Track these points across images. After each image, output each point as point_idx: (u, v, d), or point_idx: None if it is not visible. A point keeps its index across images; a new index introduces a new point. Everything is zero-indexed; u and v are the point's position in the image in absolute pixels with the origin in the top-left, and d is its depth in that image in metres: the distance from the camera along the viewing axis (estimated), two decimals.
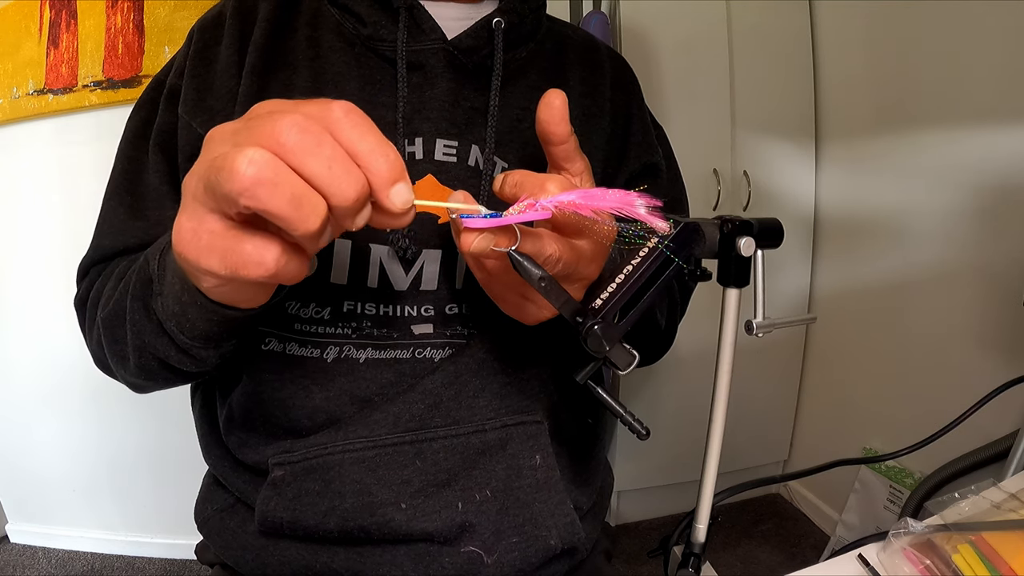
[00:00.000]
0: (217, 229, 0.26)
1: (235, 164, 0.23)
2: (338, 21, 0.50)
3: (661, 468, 1.59)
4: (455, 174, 0.48)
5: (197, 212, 0.27)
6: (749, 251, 0.41)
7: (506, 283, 0.37)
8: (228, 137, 0.26)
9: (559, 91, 0.35)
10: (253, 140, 0.24)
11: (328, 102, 0.26)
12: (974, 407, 0.72)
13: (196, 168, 0.27)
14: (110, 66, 1.26)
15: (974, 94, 1.18)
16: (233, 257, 0.26)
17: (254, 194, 0.23)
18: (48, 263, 1.37)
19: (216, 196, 0.25)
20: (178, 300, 0.35)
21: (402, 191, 0.27)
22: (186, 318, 0.36)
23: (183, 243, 0.27)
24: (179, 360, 0.40)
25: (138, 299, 0.39)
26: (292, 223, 0.24)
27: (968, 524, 0.47)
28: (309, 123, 0.24)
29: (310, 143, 0.24)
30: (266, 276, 0.27)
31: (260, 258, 0.26)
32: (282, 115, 0.24)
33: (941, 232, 1.26)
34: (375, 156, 0.26)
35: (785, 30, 1.53)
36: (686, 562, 0.48)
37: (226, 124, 0.27)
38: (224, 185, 0.24)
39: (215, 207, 0.26)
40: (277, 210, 0.24)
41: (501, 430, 0.48)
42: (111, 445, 1.47)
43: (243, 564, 0.51)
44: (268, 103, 0.27)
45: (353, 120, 0.26)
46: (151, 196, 0.49)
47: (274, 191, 0.23)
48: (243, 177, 0.23)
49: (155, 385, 0.47)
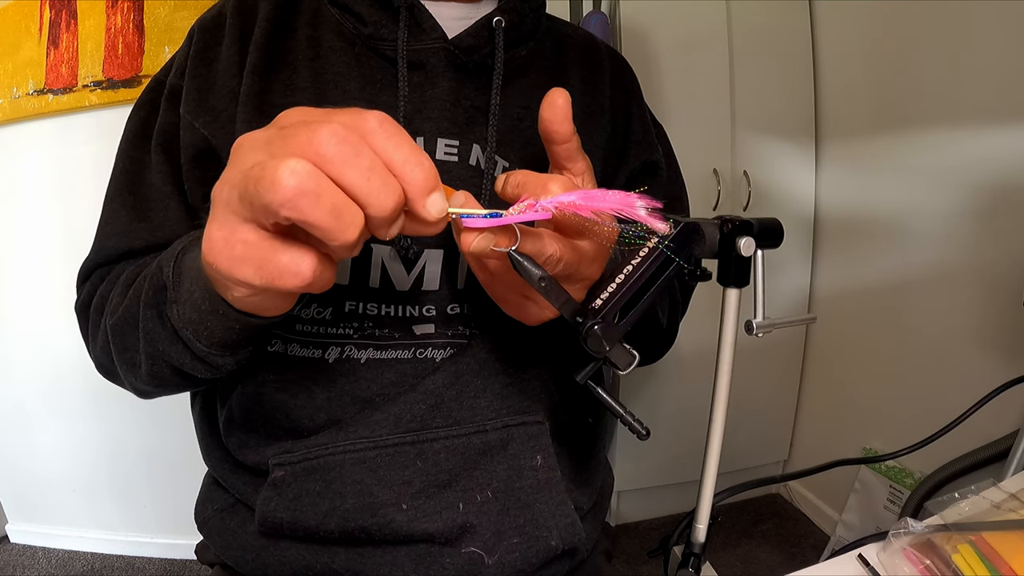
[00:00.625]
0: (251, 239, 0.26)
1: (277, 175, 0.23)
2: (338, 21, 0.50)
3: (661, 468, 1.59)
4: (456, 174, 0.48)
5: (230, 222, 0.26)
6: (749, 251, 0.41)
7: (507, 284, 0.37)
8: (262, 146, 0.26)
9: (562, 90, 0.35)
10: (290, 150, 0.24)
11: (361, 112, 0.26)
12: (974, 407, 0.72)
13: (228, 176, 0.27)
14: (110, 66, 1.26)
15: (974, 94, 1.18)
16: (269, 268, 0.26)
17: (296, 205, 0.23)
18: (48, 263, 1.37)
19: (253, 206, 0.25)
20: (196, 308, 0.35)
21: (437, 200, 0.27)
22: (204, 326, 0.35)
23: (215, 253, 0.27)
24: (194, 367, 0.40)
25: (151, 306, 0.39)
26: (332, 234, 0.24)
27: (968, 524, 0.47)
28: (347, 133, 0.24)
29: (349, 153, 0.24)
30: (302, 286, 0.27)
31: (297, 268, 0.26)
32: (319, 125, 0.24)
33: (941, 232, 1.26)
34: (411, 166, 0.26)
35: (785, 30, 1.53)
36: (686, 562, 0.48)
37: (256, 132, 0.27)
38: (264, 196, 0.23)
39: (250, 217, 0.26)
40: (318, 221, 0.24)
41: (502, 430, 0.48)
42: (111, 445, 1.47)
43: (243, 564, 0.51)
44: (297, 111, 0.27)
45: (388, 130, 0.26)
46: (154, 197, 0.48)
47: (316, 202, 0.23)
48: (285, 188, 0.23)
49: (165, 391, 0.46)
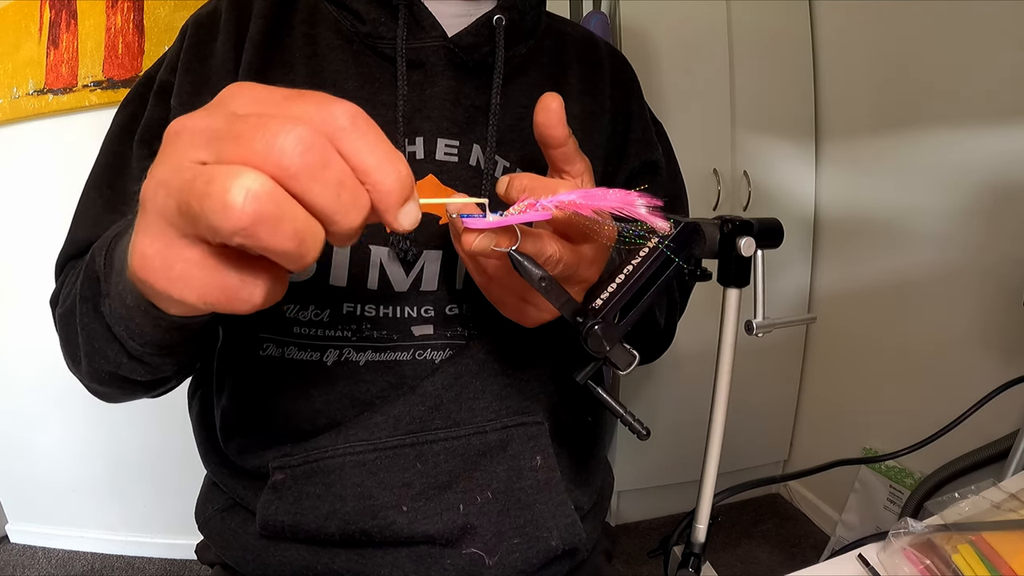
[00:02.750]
0: (194, 258, 0.22)
1: (228, 196, 0.19)
2: (336, 18, 0.49)
3: (661, 468, 1.59)
4: (456, 174, 0.47)
5: (165, 235, 0.22)
6: (749, 251, 0.41)
7: (506, 286, 0.37)
8: (206, 142, 0.21)
9: (555, 94, 0.35)
10: (243, 155, 0.20)
11: (328, 103, 0.22)
12: (974, 407, 0.72)
13: (162, 176, 0.22)
14: (110, 66, 1.26)
15: (974, 94, 1.18)
16: (215, 293, 0.22)
17: (252, 233, 0.19)
18: (48, 263, 1.36)
19: (196, 224, 0.20)
20: (123, 303, 0.31)
21: (411, 212, 0.24)
22: (134, 323, 0.32)
23: (148, 271, 0.22)
24: (131, 369, 0.36)
25: (87, 300, 0.36)
26: (293, 259, 0.21)
27: (968, 524, 0.47)
28: (314, 138, 0.20)
29: (315, 165, 0.20)
30: (252, 310, 0.23)
31: (249, 295, 0.23)
32: (281, 125, 0.20)
33: (941, 232, 1.26)
34: (384, 173, 0.22)
35: (785, 30, 1.53)
36: (686, 562, 0.48)
37: (198, 117, 0.22)
38: (212, 218, 0.19)
39: (192, 233, 0.21)
40: (279, 247, 0.20)
41: (501, 431, 0.48)
42: (111, 445, 1.47)
43: (244, 564, 0.50)
44: (246, 91, 0.23)
45: (360, 128, 0.22)
46: (132, 191, 0.47)
47: (276, 229, 0.20)
48: (240, 214, 0.19)
49: (113, 395, 0.44)
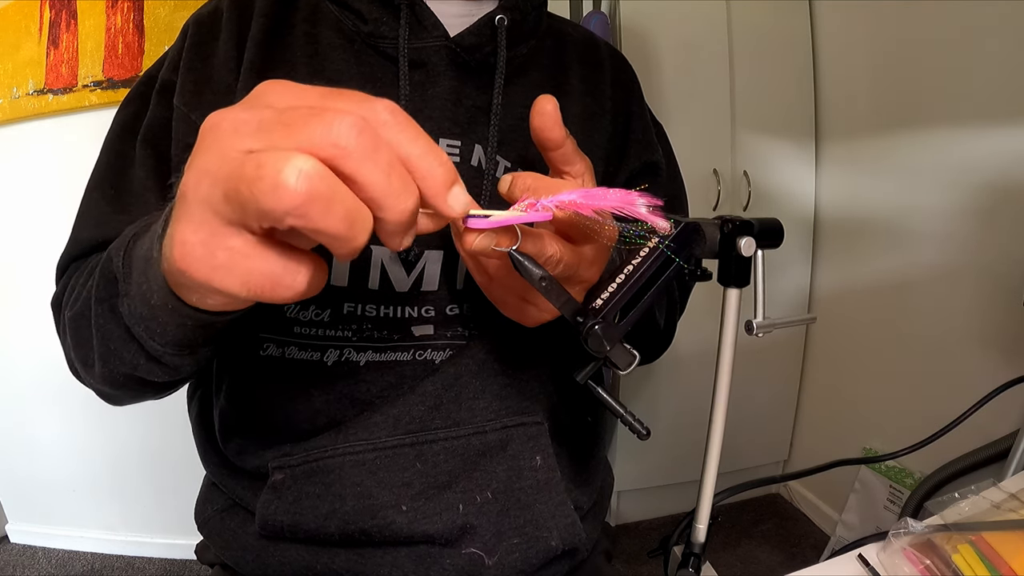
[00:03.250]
0: (238, 246, 0.22)
1: (281, 177, 0.19)
2: (337, 18, 0.49)
3: (661, 468, 1.59)
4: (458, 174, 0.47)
5: (209, 223, 0.22)
6: (749, 251, 0.42)
7: (506, 286, 0.37)
8: (252, 131, 0.21)
9: (550, 96, 0.35)
10: (296, 142, 0.20)
11: (369, 99, 0.23)
12: (974, 407, 0.72)
13: (205, 166, 0.22)
14: (110, 66, 1.26)
15: (974, 94, 1.18)
16: (259, 280, 0.23)
17: (305, 212, 0.20)
18: (49, 263, 1.36)
19: (245, 210, 0.21)
20: (146, 302, 0.31)
21: (459, 195, 0.24)
22: (156, 322, 0.31)
23: (190, 260, 0.23)
24: (148, 370, 0.36)
25: (102, 301, 0.35)
26: (343, 241, 0.21)
27: (968, 524, 0.47)
28: (365, 125, 0.21)
29: (368, 147, 0.21)
30: (295, 298, 0.24)
31: (292, 281, 0.23)
32: (333, 113, 0.20)
33: (941, 232, 1.26)
34: (429, 160, 0.23)
35: (785, 30, 1.53)
36: (686, 562, 0.48)
37: (238, 111, 0.22)
38: (263, 200, 0.19)
39: (237, 220, 0.22)
40: (329, 229, 0.20)
41: (501, 431, 0.48)
42: (111, 445, 1.46)
43: (243, 564, 0.50)
44: (283, 88, 0.23)
45: (401, 122, 0.23)
46: (135, 191, 0.47)
47: (328, 209, 0.20)
48: (293, 193, 0.19)
49: (124, 397, 0.44)
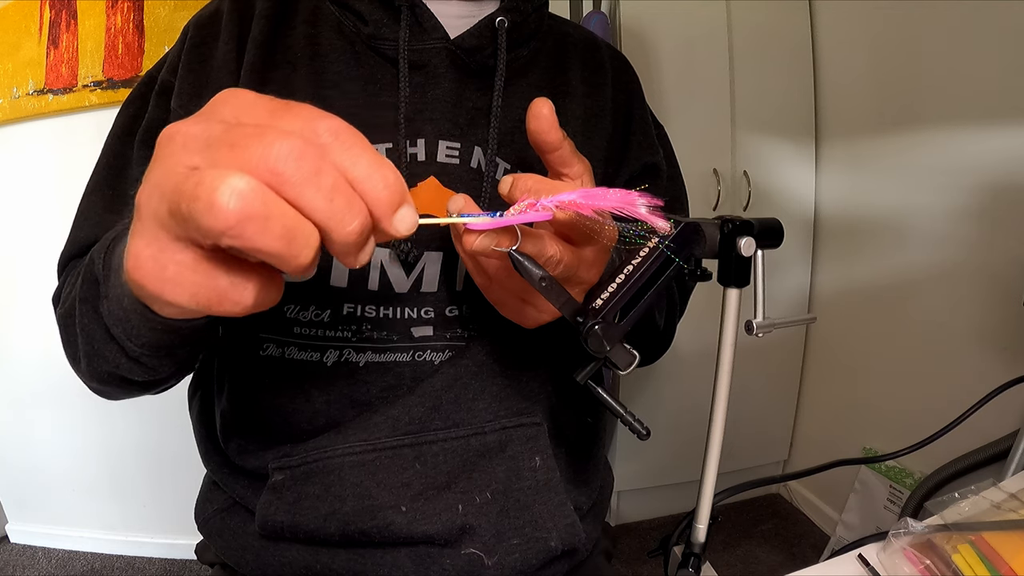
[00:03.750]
0: (186, 261, 0.22)
1: (215, 196, 0.19)
2: (338, 19, 0.49)
3: (661, 468, 1.59)
4: (457, 176, 0.47)
5: (159, 238, 0.22)
6: (749, 251, 0.42)
7: (506, 287, 0.37)
8: (200, 148, 0.21)
9: (545, 99, 0.35)
10: (237, 162, 0.20)
11: (313, 118, 0.22)
12: (974, 407, 0.72)
13: (156, 180, 0.22)
14: (110, 66, 1.26)
15: (974, 94, 1.18)
16: (207, 294, 0.23)
17: (240, 232, 0.20)
18: (48, 263, 1.36)
19: (187, 226, 0.21)
20: (120, 305, 0.32)
21: (407, 216, 0.24)
22: (131, 324, 0.32)
23: (142, 272, 0.23)
24: (129, 369, 0.37)
25: (86, 301, 0.36)
26: (284, 260, 0.21)
27: (968, 524, 0.47)
28: (306, 147, 0.21)
29: (308, 171, 0.21)
30: (243, 312, 0.24)
31: (239, 296, 0.23)
32: (273, 136, 0.21)
33: (941, 232, 1.26)
34: (373, 181, 0.22)
35: (785, 30, 1.53)
36: (686, 562, 0.48)
37: (192, 123, 0.22)
38: (200, 219, 0.20)
39: (184, 236, 0.22)
40: (267, 248, 0.20)
41: (500, 432, 0.48)
42: (111, 445, 1.46)
43: (244, 564, 0.51)
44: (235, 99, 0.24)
45: (345, 141, 0.22)
46: (133, 192, 0.47)
47: (264, 227, 0.20)
48: (227, 213, 0.19)
49: (113, 393, 0.44)
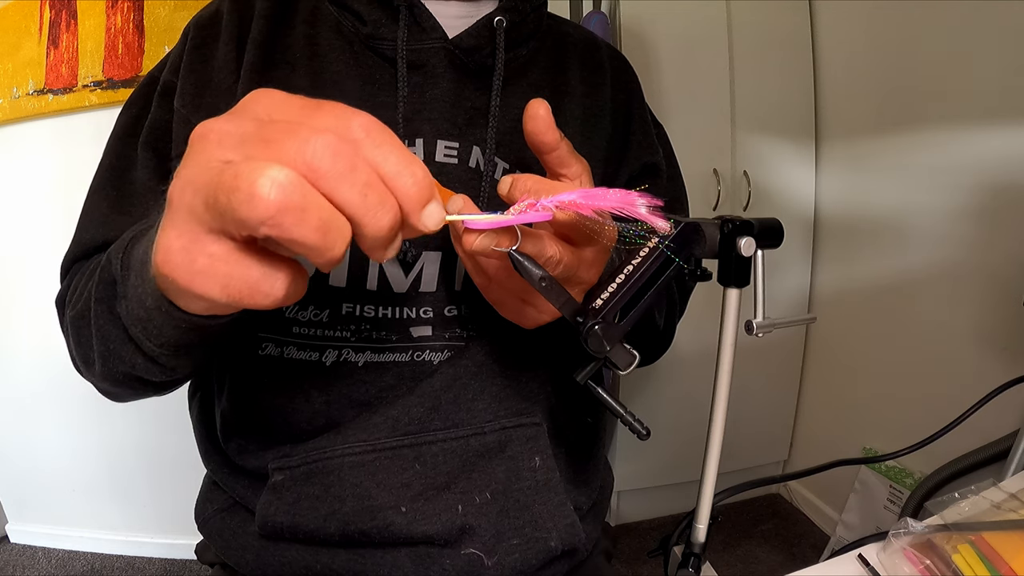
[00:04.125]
0: (218, 252, 0.23)
1: (255, 187, 0.20)
2: (337, 19, 0.49)
3: (661, 468, 1.59)
4: (456, 176, 0.47)
5: (192, 231, 0.23)
6: (749, 251, 0.41)
7: (505, 287, 0.37)
8: (234, 144, 0.22)
9: (541, 100, 0.35)
10: (273, 157, 0.21)
11: (346, 115, 0.23)
12: (974, 407, 0.72)
13: (190, 176, 0.23)
14: (110, 66, 1.26)
15: (974, 94, 1.18)
16: (237, 285, 0.23)
17: (279, 222, 0.20)
18: (48, 263, 1.37)
19: (224, 218, 0.21)
20: (142, 304, 0.32)
21: (434, 212, 0.24)
22: (152, 323, 0.32)
23: (173, 266, 0.23)
24: (146, 369, 0.37)
25: (102, 301, 0.37)
26: (318, 251, 0.22)
27: (968, 524, 0.47)
28: (341, 144, 0.22)
29: (344, 168, 0.21)
30: (273, 305, 0.24)
31: (270, 287, 0.24)
32: (309, 132, 0.21)
33: (941, 232, 1.26)
34: (403, 177, 0.23)
35: (785, 30, 1.52)
36: (686, 562, 0.48)
37: (224, 121, 0.23)
38: (239, 210, 0.20)
39: (218, 228, 0.22)
40: (304, 239, 0.21)
41: (500, 432, 0.48)
42: (111, 445, 1.46)
43: (244, 564, 0.51)
44: (268, 98, 0.24)
45: (376, 138, 0.23)
46: (137, 192, 0.47)
47: (302, 219, 0.21)
48: (267, 203, 0.20)
49: (124, 394, 0.44)
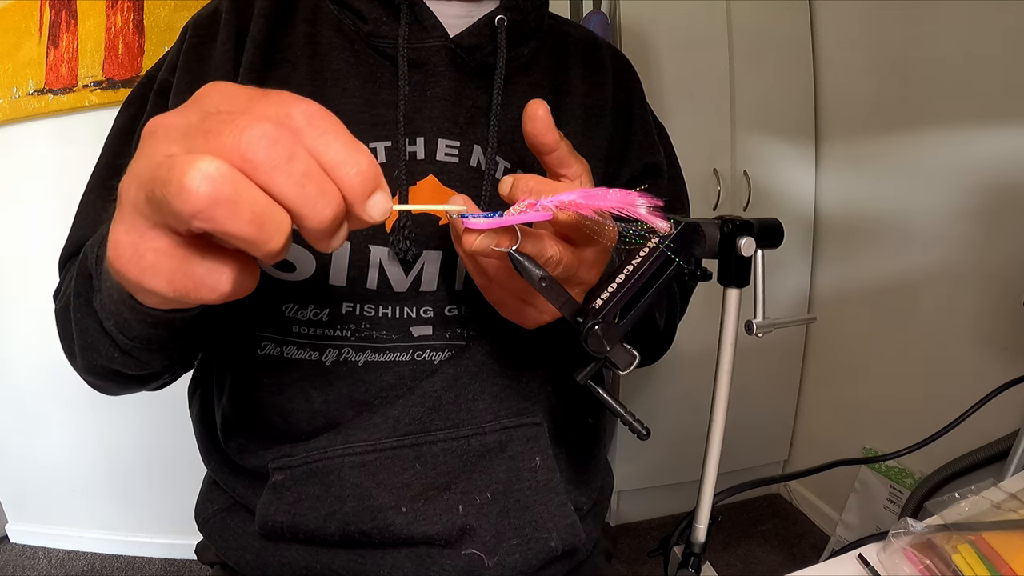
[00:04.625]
0: (163, 247, 0.23)
1: (185, 179, 0.20)
2: (337, 18, 0.49)
3: (661, 468, 1.59)
4: (457, 175, 0.47)
5: (137, 225, 0.23)
6: (749, 251, 0.42)
7: (506, 287, 0.37)
8: (178, 137, 0.22)
9: (540, 101, 0.35)
10: (211, 148, 0.21)
11: (288, 102, 0.23)
12: (974, 407, 0.72)
13: (135, 170, 0.23)
14: (110, 66, 1.26)
15: (974, 94, 1.18)
16: (183, 280, 0.23)
17: (210, 216, 0.20)
18: (48, 263, 1.36)
19: (162, 212, 0.21)
20: (111, 299, 0.33)
21: (380, 202, 0.24)
22: (122, 318, 0.33)
23: (122, 260, 0.23)
24: (123, 363, 0.37)
25: (80, 296, 0.37)
26: (255, 244, 0.21)
27: (968, 524, 0.47)
28: (279, 133, 0.21)
29: (281, 158, 0.21)
30: (220, 299, 0.24)
31: (215, 282, 0.24)
32: (247, 122, 0.21)
33: (941, 232, 1.26)
34: (346, 167, 0.22)
35: (785, 30, 1.52)
36: (686, 562, 0.48)
37: (173, 115, 0.23)
38: (172, 202, 0.20)
39: (160, 222, 0.22)
40: (237, 232, 0.21)
41: (500, 432, 0.48)
42: (111, 445, 1.46)
43: (244, 564, 0.51)
44: (217, 93, 0.24)
45: (318, 126, 0.22)
46: None
47: (234, 211, 0.20)
48: (196, 196, 0.20)
49: (109, 388, 0.45)
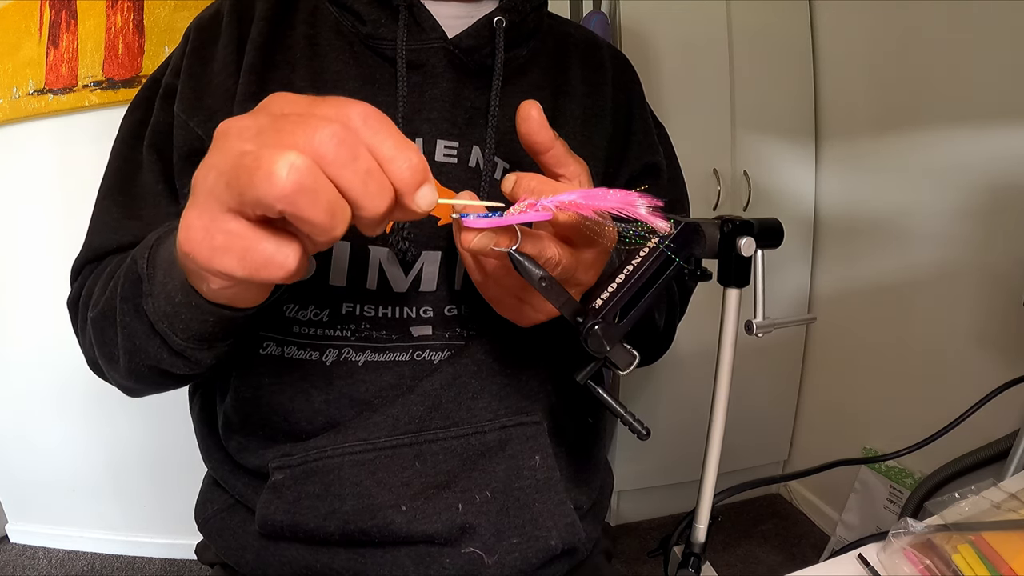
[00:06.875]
0: (234, 229, 0.25)
1: (274, 168, 0.22)
2: (337, 19, 0.49)
3: (661, 468, 1.59)
4: (456, 175, 0.48)
5: (211, 209, 0.25)
6: (749, 251, 0.42)
7: (503, 285, 0.37)
8: (252, 136, 0.25)
9: (533, 102, 0.35)
10: (286, 144, 0.23)
11: (345, 105, 0.25)
12: (974, 407, 0.72)
13: (213, 162, 0.26)
14: (110, 66, 1.26)
15: (974, 94, 1.18)
16: (252, 258, 0.25)
17: (294, 201, 0.23)
18: (48, 263, 1.37)
19: (243, 197, 0.24)
20: (170, 300, 0.34)
21: (427, 194, 0.26)
22: (179, 318, 0.35)
23: (193, 243, 0.26)
24: (171, 363, 0.39)
25: (127, 300, 0.38)
26: (324, 230, 0.24)
27: (968, 524, 0.47)
28: (345, 133, 0.24)
29: (347, 156, 0.24)
30: (286, 277, 0.26)
31: (283, 260, 0.26)
32: (317, 122, 0.24)
33: (941, 232, 1.26)
34: (398, 162, 0.25)
35: (785, 30, 1.53)
36: (686, 562, 0.48)
37: (244, 119, 0.26)
38: (258, 188, 0.23)
39: (235, 207, 0.25)
40: (314, 218, 0.23)
41: (500, 431, 0.48)
42: (111, 445, 1.46)
43: (244, 564, 0.51)
44: (281, 99, 0.27)
45: (373, 125, 0.25)
46: (146, 196, 0.48)
47: (314, 200, 0.23)
48: (283, 183, 0.22)
49: (146, 389, 0.46)
